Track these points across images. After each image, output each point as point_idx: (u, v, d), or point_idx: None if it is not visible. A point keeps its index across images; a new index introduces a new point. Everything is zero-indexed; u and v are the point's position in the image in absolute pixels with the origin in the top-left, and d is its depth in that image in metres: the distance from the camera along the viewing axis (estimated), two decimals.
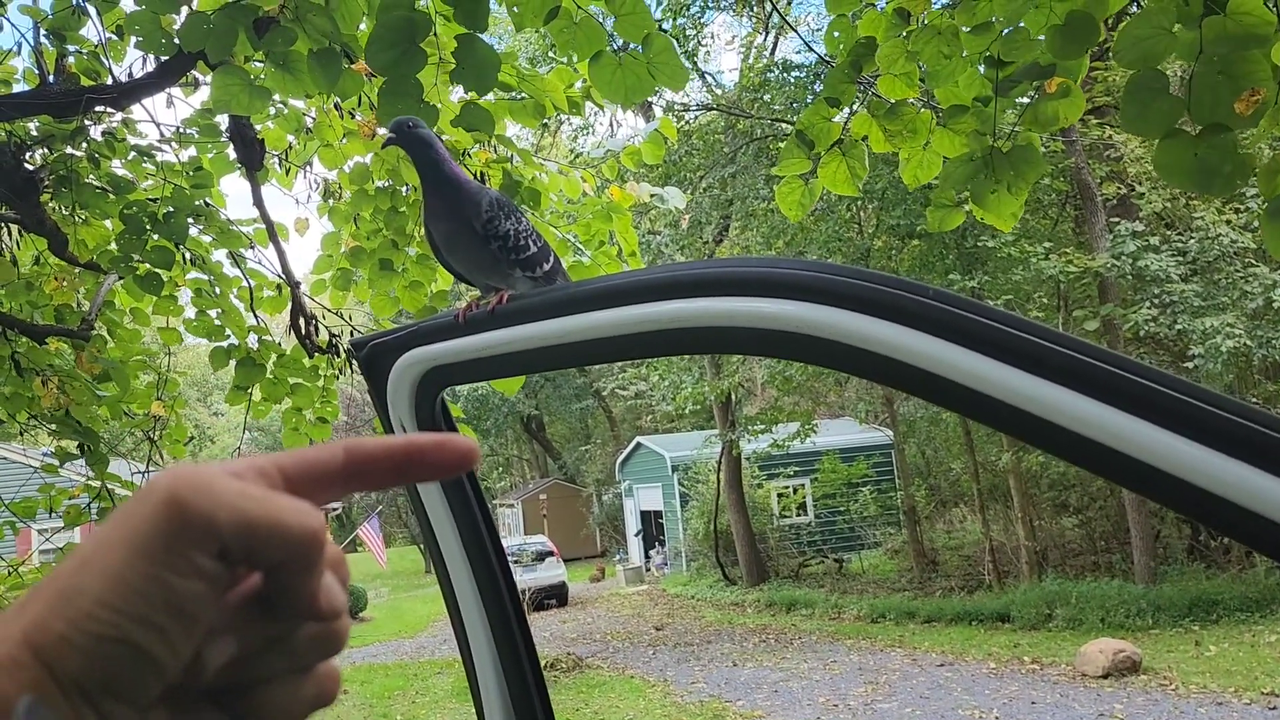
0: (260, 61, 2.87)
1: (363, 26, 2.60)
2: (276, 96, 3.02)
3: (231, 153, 3.61)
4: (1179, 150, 2.06)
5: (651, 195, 4.11)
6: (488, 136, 3.34)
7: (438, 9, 2.29)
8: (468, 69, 2.20)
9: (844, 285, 0.90)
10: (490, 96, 3.87)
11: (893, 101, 2.74)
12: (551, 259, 1.45)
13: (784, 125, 16.89)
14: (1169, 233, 15.62)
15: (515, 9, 2.35)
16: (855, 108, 2.81)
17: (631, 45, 2.27)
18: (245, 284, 3.97)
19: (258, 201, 3.64)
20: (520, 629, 1.40)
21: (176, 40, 2.45)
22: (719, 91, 21.55)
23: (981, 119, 2.66)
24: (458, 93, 3.62)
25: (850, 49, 2.72)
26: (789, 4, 18.93)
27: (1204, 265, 14.88)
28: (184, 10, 2.44)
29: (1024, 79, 2.59)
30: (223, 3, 2.30)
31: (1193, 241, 14.96)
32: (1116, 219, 15.47)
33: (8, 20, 3.10)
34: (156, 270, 3.41)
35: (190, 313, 3.92)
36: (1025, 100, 2.74)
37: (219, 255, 3.91)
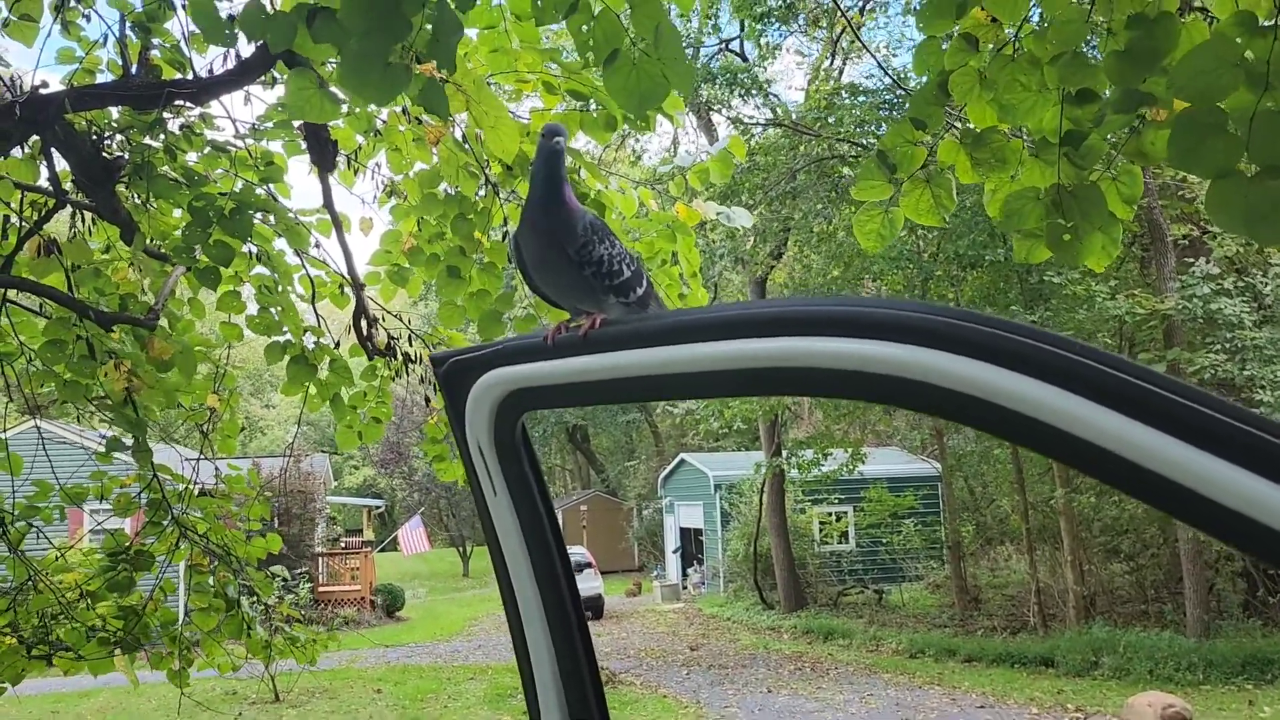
0: (334, 61, 2.86)
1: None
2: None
3: (302, 143, 3.62)
4: (1233, 192, 1.91)
5: (717, 214, 4.04)
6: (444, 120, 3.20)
7: None
8: (440, 40, 2.02)
9: (964, 330, 0.84)
10: (561, 107, 3.85)
11: (980, 130, 2.62)
12: (645, 283, 1.39)
13: (848, 146, 16.72)
14: (1247, 275, 15.18)
15: (538, 2, 2.28)
16: (942, 134, 2.69)
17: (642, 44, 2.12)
18: (306, 272, 3.99)
19: (328, 203, 3.65)
20: (582, 637, 1.31)
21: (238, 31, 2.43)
22: (781, 111, 21.44)
23: (1074, 155, 2.51)
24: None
25: (938, 71, 2.61)
26: (860, 27, 18.78)
27: (1278, 312, 14.48)
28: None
29: (1119, 110, 2.43)
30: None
31: (1268, 287, 14.55)
32: (1188, 259, 15.10)
33: (95, 12, 3.14)
34: (215, 265, 3.42)
35: (253, 308, 3.95)
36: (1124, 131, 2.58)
37: (280, 244, 3.93)
